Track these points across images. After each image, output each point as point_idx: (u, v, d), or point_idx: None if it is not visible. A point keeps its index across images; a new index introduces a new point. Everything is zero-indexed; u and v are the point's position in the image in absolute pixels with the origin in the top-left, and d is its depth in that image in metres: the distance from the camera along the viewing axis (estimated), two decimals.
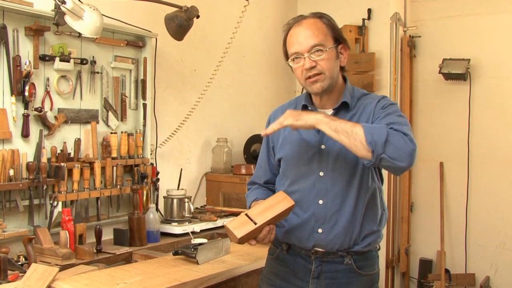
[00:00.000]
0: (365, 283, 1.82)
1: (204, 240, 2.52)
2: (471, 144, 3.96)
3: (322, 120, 1.63)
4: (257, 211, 1.71)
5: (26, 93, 2.35)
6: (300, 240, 1.83)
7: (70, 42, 2.55)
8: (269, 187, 2.00)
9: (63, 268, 2.12)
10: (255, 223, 1.66)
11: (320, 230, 1.78)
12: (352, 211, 1.76)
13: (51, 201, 2.42)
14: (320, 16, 1.80)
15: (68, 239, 2.29)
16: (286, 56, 1.82)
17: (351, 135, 1.59)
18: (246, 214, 1.70)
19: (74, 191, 2.50)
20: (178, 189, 2.97)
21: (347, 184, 1.76)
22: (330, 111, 1.82)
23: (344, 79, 1.88)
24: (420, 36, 4.13)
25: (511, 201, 3.82)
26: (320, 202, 1.77)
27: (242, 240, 1.69)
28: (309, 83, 1.76)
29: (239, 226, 1.68)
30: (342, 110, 1.81)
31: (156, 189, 2.92)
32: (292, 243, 1.86)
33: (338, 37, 1.78)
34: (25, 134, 2.38)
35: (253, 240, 1.71)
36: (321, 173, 1.78)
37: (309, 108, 1.86)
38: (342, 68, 1.84)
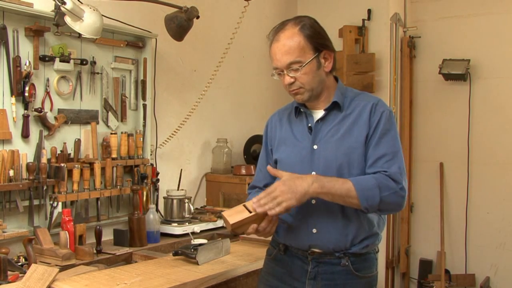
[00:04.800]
0: (362, 285, 1.81)
1: (204, 241, 2.52)
2: (471, 145, 3.96)
3: (315, 192, 1.67)
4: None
5: (26, 94, 2.35)
6: (296, 241, 1.83)
7: (70, 43, 2.56)
8: None
9: (63, 268, 2.12)
10: (250, 212, 1.68)
11: (314, 230, 1.78)
12: (345, 211, 1.76)
13: (51, 202, 2.42)
14: (300, 22, 1.78)
15: (68, 240, 2.29)
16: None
17: (347, 201, 1.70)
18: (244, 205, 1.72)
19: (74, 192, 2.51)
20: (178, 189, 2.97)
21: None
22: (322, 112, 1.84)
23: (336, 79, 1.89)
24: (420, 37, 4.13)
25: (511, 201, 3.82)
26: (313, 201, 1.77)
27: (235, 227, 1.69)
28: (292, 94, 1.84)
29: (234, 214, 1.70)
30: (334, 110, 1.83)
31: (156, 189, 2.92)
32: (289, 244, 1.86)
33: (319, 46, 1.78)
34: (25, 135, 2.38)
35: (252, 228, 1.70)
36: (313, 173, 1.78)
37: (301, 109, 1.88)
38: (331, 70, 1.85)
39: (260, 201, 1.66)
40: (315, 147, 1.80)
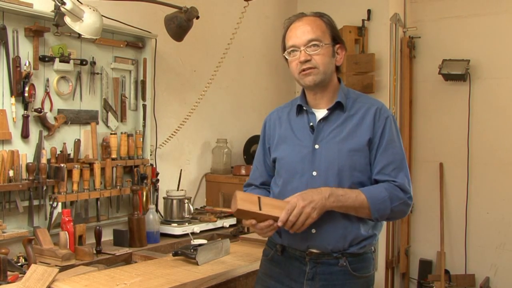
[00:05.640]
0: (360, 285, 1.81)
1: (204, 241, 2.52)
2: (471, 145, 3.96)
3: (331, 206, 1.70)
4: (269, 202, 1.71)
5: (26, 94, 2.35)
6: (294, 241, 1.82)
7: (69, 43, 2.56)
8: (266, 189, 2.00)
9: (62, 269, 2.12)
10: (260, 209, 1.67)
11: (313, 230, 1.78)
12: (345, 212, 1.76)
13: (51, 202, 2.42)
14: (320, 15, 1.86)
15: (68, 240, 2.29)
16: (284, 50, 1.87)
17: (359, 212, 1.74)
18: (259, 197, 1.70)
19: (74, 192, 2.51)
20: (177, 190, 2.97)
21: (339, 184, 1.76)
22: (324, 111, 1.84)
23: (339, 80, 1.90)
24: (419, 37, 4.13)
25: (511, 201, 3.82)
26: None
27: (238, 213, 1.68)
28: (302, 75, 1.81)
29: (245, 200, 1.67)
30: (337, 110, 1.83)
31: (156, 190, 2.92)
32: (287, 244, 1.85)
33: (336, 37, 1.84)
34: (25, 135, 2.38)
35: (249, 222, 1.70)
36: (314, 173, 1.78)
37: (304, 108, 1.87)
38: (337, 69, 1.88)
39: (288, 223, 1.66)
40: (316, 146, 1.80)
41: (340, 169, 1.76)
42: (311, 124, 1.84)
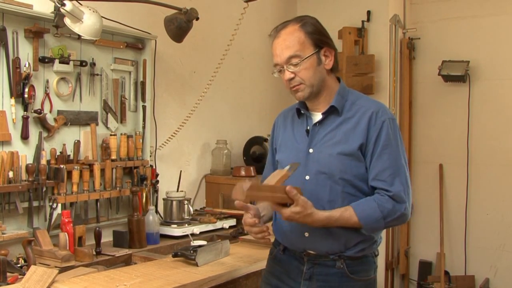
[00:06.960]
0: None
1: (204, 242, 2.52)
2: (470, 146, 3.96)
3: (321, 225, 1.71)
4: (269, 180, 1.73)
5: (26, 95, 2.35)
6: (291, 243, 1.84)
7: (69, 44, 2.56)
8: None
9: (62, 270, 2.12)
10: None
11: (306, 234, 1.78)
12: None
13: (51, 203, 2.42)
14: (301, 20, 1.80)
15: (68, 241, 2.29)
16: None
17: (351, 227, 1.74)
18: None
19: (74, 193, 2.50)
20: (177, 191, 2.97)
21: (331, 189, 1.75)
22: (320, 115, 1.83)
23: (339, 80, 1.87)
24: (419, 38, 4.13)
25: (511, 203, 3.82)
26: None
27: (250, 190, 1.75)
28: (292, 91, 1.83)
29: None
30: (332, 114, 1.81)
31: (156, 191, 2.92)
32: (286, 245, 1.87)
33: (319, 42, 1.78)
34: (25, 136, 2.38)
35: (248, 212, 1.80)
36: (307, 177, 1.78)
37: (302, 111, 1.87)
38: (333, 70, 1.84)
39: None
40: (310, 150, 1.80)
41: (330, 174, 1.75)
42: (308, 128, 1.84)
